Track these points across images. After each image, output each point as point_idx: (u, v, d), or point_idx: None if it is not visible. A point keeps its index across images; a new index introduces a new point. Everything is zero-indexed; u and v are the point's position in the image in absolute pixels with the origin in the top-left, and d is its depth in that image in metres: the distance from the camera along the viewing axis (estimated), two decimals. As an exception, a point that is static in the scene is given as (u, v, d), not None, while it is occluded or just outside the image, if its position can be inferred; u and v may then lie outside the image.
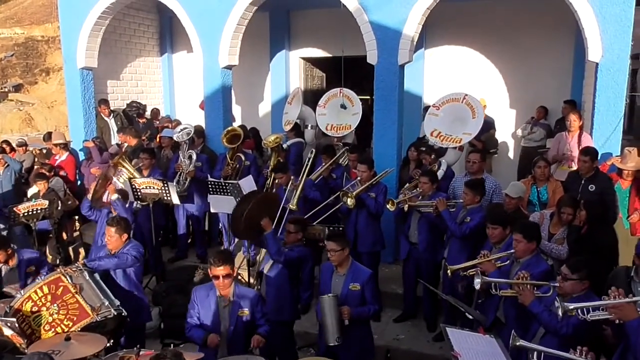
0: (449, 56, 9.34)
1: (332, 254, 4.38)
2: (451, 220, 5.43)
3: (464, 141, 6.77)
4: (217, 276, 4.02)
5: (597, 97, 6.28)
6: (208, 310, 4.13)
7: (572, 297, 3.67)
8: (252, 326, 4.14)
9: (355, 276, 4.41)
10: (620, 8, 6.07)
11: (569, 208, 5.00)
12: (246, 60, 9.16)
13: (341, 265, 4.43)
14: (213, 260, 4.05)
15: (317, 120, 7.80)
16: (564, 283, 3.68)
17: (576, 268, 3.66)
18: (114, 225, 4.92)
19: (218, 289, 4.10)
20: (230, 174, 7.27)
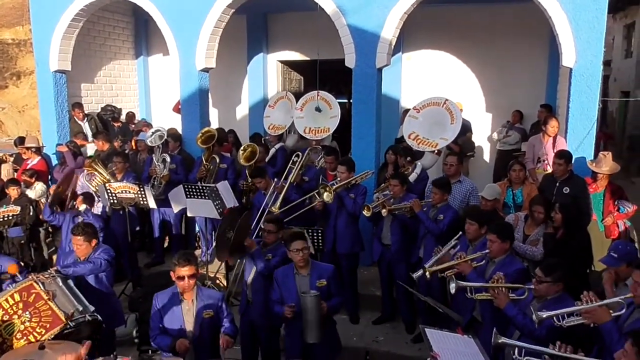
0: (427, 60, 9.42)
1: (304, 252, 4.35)
2: (428, 220, 5.50)
3: (439, 146, 6.83)
4: (182, 277, 3.97)
5: (571, 101, 6.38)
6: (172, 315, 4.08)
7: (546, 299, 3.72)
8: (217, 327, 4.11)
9: (320, 273, 4.43)
10: (593, 15, 6.18)
11: (540, 207, 5.10)
12: (223, 63, 9.10)
13: (304, 266, 4.41)
14: (177, 260, 4.00)
15: (295, 123, 7.76)
16: (539, 285, 3.73)
17: (550, 270, 3.71)
18: (80, 234, 4.84)
19: (182, 290, 4.05)
20: (205, 176, 7.20)
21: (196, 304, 4.07)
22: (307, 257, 4.43)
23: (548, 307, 3.66)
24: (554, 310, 3.56)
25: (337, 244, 6.17)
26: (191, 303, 4.06)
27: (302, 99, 7.87)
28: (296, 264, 4.42)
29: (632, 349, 2.78)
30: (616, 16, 17.17)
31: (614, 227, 5.96)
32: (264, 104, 9.64)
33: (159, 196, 7.10)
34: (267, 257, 4.91)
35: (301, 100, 7.83)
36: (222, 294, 4.26)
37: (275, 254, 4.91)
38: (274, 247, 4.99)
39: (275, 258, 4.86)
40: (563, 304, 3.62)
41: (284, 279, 4.49)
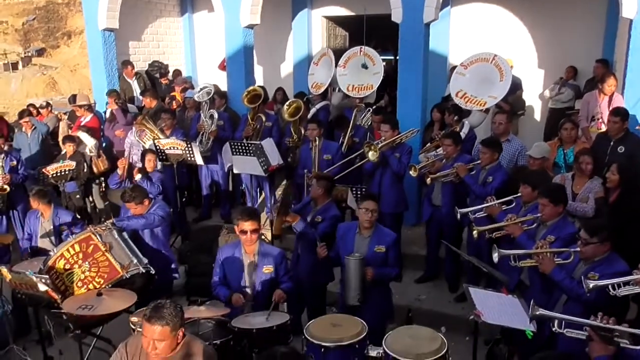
0: (476, 14, 9.07)
1: (373, 214, 4.33)
2: (475, 185, 5.38)
3: (488, 104, 6.62)
4: (245, 231, 4.06)
5: (630, 55, 6.05)
6: (233, 268, 4.20)
7: (594, 261, 3.62)
8: (276, 283, 4.19)
9: (380, 238, 4.40)
10: (657, -39, 5.78)
11: (587, 157, 4.98)
12: (267, 20, 9.01)
13: (368, 228, 4.40)
14: (241, 215, 4.10)
15: (338, 80, 7.66)
16: (585, 247, 3.61)
17: (595, 231, 3.58)
18: (130, 200, 5.04)
19: (244, 245, 4.15)
20: (252, 134, 7.26)
21: (257, 259, 4.16)
22: (374, 220, 4.39)
23: (596, 269, 3.58)
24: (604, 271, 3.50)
25: (381, 202, 6.14)
26: (252, 257, 4.16)
27: (345, 55, 7.72)
28: (361, 223, 4.41)
29: None
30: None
31: None
32: (308, 62, 9.54)
33: (206, 152, 7.21)
34: (317, 219, 4.94)
35: (344, 56, 7.69)
36: (283, 252, 4.32)
37: (325, 217, 4.92)
38: (325, 207, 5.00)
39: (324, 223, 4.87)
40: (613, 265, 3.54)
41: (345, 233, 4.51)
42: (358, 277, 4.20)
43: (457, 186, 5.66)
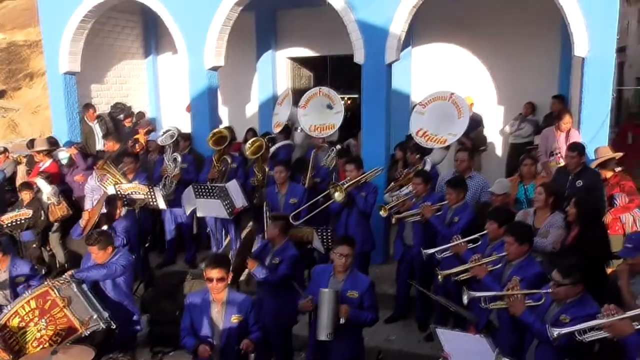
0: (437, 54, 9.31)
1: (347, 259, 4.21)
2: (440, 225, 5.39)
3: (449, 141, 6.72)
4: (211, 279, 3.95)
5: (585, 92, 6.25)
6: (200, 316, 4.07)
7: (566, 303, 3.57)
8: (245, 333, 4.06)
9: (354, 284, 4.26)
10: (605, 2, 6.04)
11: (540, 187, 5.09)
12: (232, 61, 9.07)
13: (342, 272, 4.29)
14: (207, 262, 4.01)
15: (300, 121, 7.70)
16: (557, 289, 3.56)
17: (568, 272, 3.53)
18: (94, 244, 4.85)
19: (211, 292, 4.03)
20: (217, 177, 7.20)
21: (226, 307, 4.04)
22: (349, 265, 4.27)
23: (568, 311, 3.53)
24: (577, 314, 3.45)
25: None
26: (221, 306, 4.04)
27: (305, 96, 7.75)
28: (335, 267, 4.30)
29: None
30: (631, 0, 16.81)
31: (614, 223, 5.67)
32: (273, 102, 9.61)
33: (170, 196, 7.11)
34: (275, 260, 4.87)
35: (304, 97, 7.72)
36: (253, 300, 4.20)
37: (282, 257, 4.85)
38: (282, 248, 4.94)
39: (283, 265, 4.80)
40: (585, 307, 3.48)
41: (319, 275, 4.40)
42: (332, 311, 4.06)
43: (428, 225, 5.67)
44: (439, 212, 5.51)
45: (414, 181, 5.79)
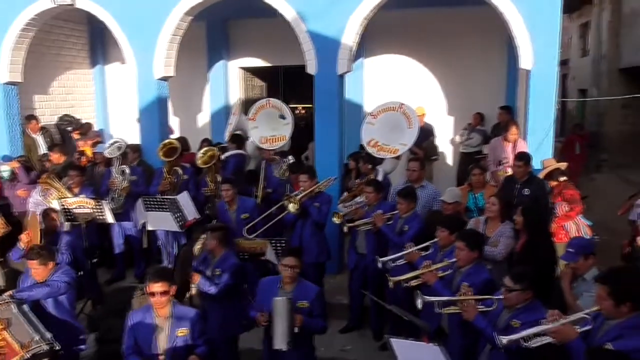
0: (388, 65, 9.45)
1: (293, 270, 4.22)
2: (391, 234, 5.44)
3: (400, 151, 6.81)
4: (153, 293, 3.83)
5: (530, 103, 6.47)
6: (144, 334, 3.93)
7: (517, 309, 3.67)
8: (192, 346, 3.95)
9: (303, 293, 4.27)
10: (548, 17, 6.28)
11: (493, 198, 5.19)
12: (183, 71, 8.93)
13: (290, 283, 4.29)
14: (150, 276, 3.88)
15: (250, 134, 7.66)
16: (508, 294, 3.66)
17: (519, 278, 3.64)
18: (34, 258, 4.64)
19: (155, 307, 3.91)
20: (168, 189, 7.03)
21: (171, 322, 3.92)
22: (296, 276, 4.27)
23: (519, 316, 3.63)
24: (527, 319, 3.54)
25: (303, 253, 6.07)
26: (165, 321, 3.92)
27: (252, 108, 7.69)
28: (284, 278, 4.29)
29: None
30: (572, 16, 17.59)
31: (559, 231, 5.83)
32: (225, 111, 9.53)
33: (118, 209, 6.89)
34: (216, 272, 4.81)
35: (252, 109, 7.66)
36: (198, 312, 4.10)
37: (223, 268, 4.79)
38: (222, 258, 4.88)
39: (225, 275, 4.75)
40: (535, 312, 3.57)
41: (267, 288, 4.36)
42: (288, 319, 4.03)
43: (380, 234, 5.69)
44: (389, 221, 5.55)
45: (366, 190, 5.84)
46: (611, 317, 3.16)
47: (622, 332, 3.08)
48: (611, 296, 3.09)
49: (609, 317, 3.17)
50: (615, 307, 3.09)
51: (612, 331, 3.13)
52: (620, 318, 3.12)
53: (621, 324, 3.11)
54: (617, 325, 3.12)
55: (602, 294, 3.13)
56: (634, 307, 3.10)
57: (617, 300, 3.08)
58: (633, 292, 3.12)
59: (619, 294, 3.08)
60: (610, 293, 3.10)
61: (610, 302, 3.10)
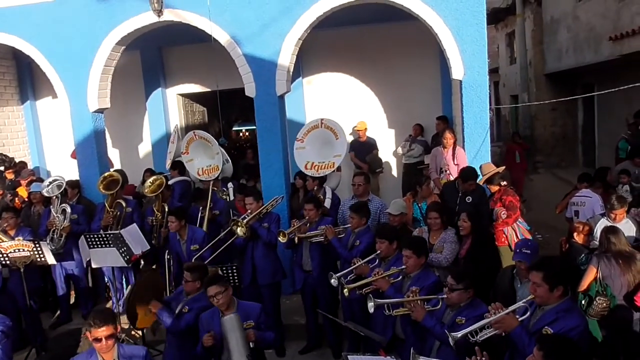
0: (327, 83, 9.55)
1: (218, 297, 4.18)
2: (341, 248, 5.47)
3: (337, 163, 6.95)
4: (99, 339, 3.65)
5: (464, 112, 6.69)
6: None
7: (460, 307, 3.85)
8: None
9: (245, 314, 4.24)
10: (474, 29, 6.54)
11: (433, 212, 5.30)
12: (120, 101, 8.77)
13: (228, 308, 4.24)
14: (93, 321, 3.67)
15: (187, 167, 7.63)
16: (451, 294, 3.85)
17: (460, 277, 3.84)
18: None
19: (99, 353, 3.72)
20: (112, 223, 6.83)
21: None
22: (228, 300, 4.23)
23: (462, 313, 3.82)
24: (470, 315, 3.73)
25: (257, 276, 6.04)
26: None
27: (182, 142, 7.67)
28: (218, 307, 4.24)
29: (539, 354, 2.87)
30: (498, 26, 18.42)
31: (499, 235, 5.97)
32: (167, 140, 9.35)
33: (59, 249, 6.63)
34: (185, 309, 4.68)
35: (183, 142, 7.64)
36: (146, 350, 3.94)
37: (192, 307, 4.65)
38: (195, 298, 4.72)
39: (190, 314, 4.61)
40: (477, 309, 3.77)
41: (209, 321, 4.30)
42: (241, 335, 3.96)
43: (325, 249, 5.72)
44: (341, 236, 5.58)
45: (306, 207, 5.86)
46: (544, 302, 3.39)
47: (557, 315, 3.33)
48: (545, 281, 3.34)
49: (543, 303, 3.41)
50: (549, 292, 3.34)
51: (548, 315, 3.37)
52: (553, 303, 3.37)
53: (556, 308, 3.36)
54: (552, 310, 3.37)
55: (537, 280, 3.37)
56: (565, 291, 3.38)
57: (551, 285, 3.33)
58: (564, 277, 3.41)
59: (553, 278, 3.34)
60: (544, 278, 3.34)
61: (544, 288, 3.34)
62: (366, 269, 4.84)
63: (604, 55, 10.14)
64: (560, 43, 13.07)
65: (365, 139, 9.14)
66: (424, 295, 4.11)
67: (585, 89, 12.57)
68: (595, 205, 6.44)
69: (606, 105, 11.45)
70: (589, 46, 11.07)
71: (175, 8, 7.12)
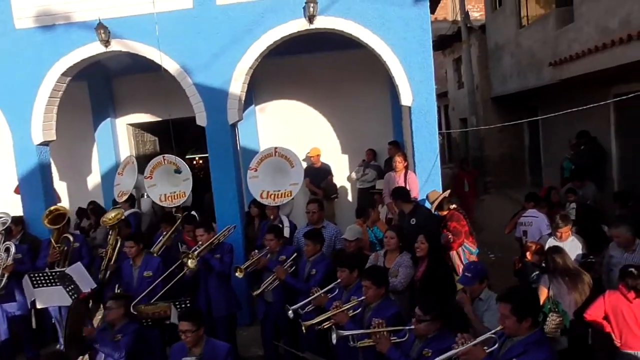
0: (280, 110, 9.60)
1: (188, 335, 4.09)
2: (297, 283, 5.44)
3: (295, 192, 6.92)
4: None
5: (414, 137, 6.83)
6: None
7: (427, 338, 3.79)
8: None
9: (212, 355, 4.15)
10: (421, 57, 6.72)
11: (390, 232, 5.35)
12: (67, 133, 8.56)
13: (195, 346, 4.15)
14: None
15: (148, 192, 7.42)
16: (419, 325, 3.78)
17: (428, 308, 3.78)
18: None
19: None
20: (59, 259, 6.55)
21: None
22: (196, 339, 4.14)
23: (430, 345, 3.76)
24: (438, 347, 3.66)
25: (212, 308, 5.90)
26: None
27: (149, 165, 7.53)
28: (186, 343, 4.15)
29: None
30: (445, 52, 19.01)
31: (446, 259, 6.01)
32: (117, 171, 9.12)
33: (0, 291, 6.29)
34: (117, 337, 4.55)
35: (149, 167, 7.49)
36: None
37: (124, 333, 4.55)
38: (123, 326, 4.64)
39: (125, 338, 4.51)
40: (445, 340, 3.68)
41: (177, 354, 4.21)
42: None
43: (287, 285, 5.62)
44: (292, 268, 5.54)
45: (266, 237, 5.80)
46: (514, 334, 3.35)
47: (526, 347, 3.28)
48: (513, 313, 3.29)
49: (512, 335, 3.37)
50: (518, 323, 3.29)
51: (516, 348, 3.32)
52: (522, 335, 3.32)
53: (524, 340, 3.31)
54: (521, 342, 3.32)
55: (505, 312, 3.33)
56: (534, 323, 3.34)
57: (519, 317, 3.28)
58: (532, 308, 3.38)
59: (521, 310, 3.30)
60: (512, 310, 3.30)
61: (513, 319, 3.30)
62: (324, 299, 4.78)
63: (546, 80, 10.57)
64: (504, 68, 13.57)
65: (319, 165, 9.18)
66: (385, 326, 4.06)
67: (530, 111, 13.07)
68: (542, 224, 6.66)
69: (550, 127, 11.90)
70: (532, 71, 11.54)
71: (123, 38, 7.03)
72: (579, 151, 9.31)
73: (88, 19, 6.98)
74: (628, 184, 8.65)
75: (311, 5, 6.56)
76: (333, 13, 6.76)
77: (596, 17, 8.23)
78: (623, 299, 4.39)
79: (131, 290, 5.71)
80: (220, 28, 6.93)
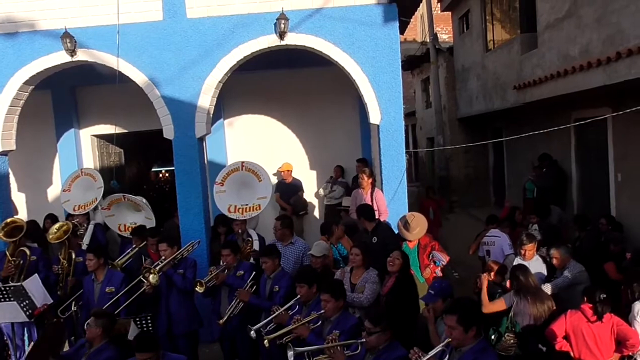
0: (249, 125, 9.54)
1: None
2: (262, 303, 5.38)
3: (263, 206, 6.89)
4: None
5: (382, 155, 6.90)
6: None
7: (379, 350, 3.85)
8: None
9: None
10: (390, 76, 6.82)
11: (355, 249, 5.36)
12: (28, 143, 8.36)
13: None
14: None
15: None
16: (370, 337, 3.85)
17: (378, 320, 3.86)
18: None
19: None
20: (14, 273, 6.31)
21: None
22: None
23: (381, 356, 3.83)
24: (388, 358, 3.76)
25: (172, 325, 5.76)
26: None
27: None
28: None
29: None
30: (414, 72, 19.37)
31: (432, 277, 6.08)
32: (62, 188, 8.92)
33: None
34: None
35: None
36: None
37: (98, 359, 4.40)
38: (99, 349, 4.49)
39: None
40: (395, 351, 3.81)
41: None
42: None
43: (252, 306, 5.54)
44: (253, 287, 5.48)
45: (223, 253, 5.74)
46: (461, 344, 3.47)
47: (475, 356, 3.41)
48: (459, 323, 3.41)
49: (459, 345, 3.48)
50: (464, 333, 3.41)
51: (466, 357, 3.44)
52: (468, 344, 3.45)
53: (473, 349, 3.44)
54: (470, 351, 3.44)
55: (452, 324, 3.44)
56: (478, 331, 3.48)
57: (465, 326, 3.41)
58: (476, 317, 3.53)
59: (466, 320, 3.42)
60: (458, 320, 3.42)
61: (460, 330, 3.41)
62: (285, 316, 4.77)
63: (510, 102, 10.85)
64: (471, 90, 13.88)
65: (290, 180, 9.16)
66: (345, 339, 4.13)
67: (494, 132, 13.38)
68: (504, 244, 6.80)
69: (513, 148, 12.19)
70: (497, 93, 11.84)
71: (89, 48, 6.92)
72: (541, 173, 9.55)
73: (53, 27, 6.85)
74: (587, 207, 8.91)
75: (282, 22, 6.60)
76: (304, 30, 6.81)
77: (558, 44, 8.52)
78: (584, 319, 4.49)
79: (92, 306, 5.54)
80: (190, 41, 6.90)
